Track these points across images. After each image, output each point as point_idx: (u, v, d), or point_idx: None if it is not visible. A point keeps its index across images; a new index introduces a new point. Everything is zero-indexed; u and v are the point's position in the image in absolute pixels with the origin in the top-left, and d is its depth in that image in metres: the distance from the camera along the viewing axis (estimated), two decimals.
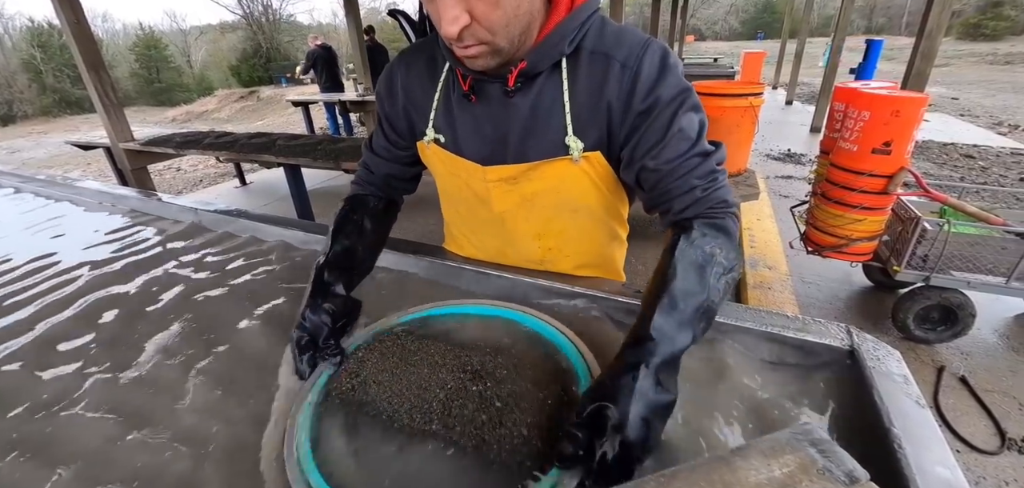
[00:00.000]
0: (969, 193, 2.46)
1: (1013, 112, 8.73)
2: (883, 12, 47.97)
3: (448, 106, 0.78)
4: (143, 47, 27.59)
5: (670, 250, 0.61)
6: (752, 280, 2.72)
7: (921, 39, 2.83)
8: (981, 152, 5.86)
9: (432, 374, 0.61)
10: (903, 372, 0.58)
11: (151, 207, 1.44)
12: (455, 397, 0.57)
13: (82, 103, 21.60)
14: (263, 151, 3.50)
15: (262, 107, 17.02)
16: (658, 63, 0.67)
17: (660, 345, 0.51)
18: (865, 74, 7.85)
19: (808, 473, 0.36)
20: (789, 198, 4.21)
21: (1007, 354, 2.23)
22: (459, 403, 0.56)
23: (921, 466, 0.46)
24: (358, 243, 0.80)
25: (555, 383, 0.59)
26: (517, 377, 0.59)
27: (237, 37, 30.57)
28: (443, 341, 0.67)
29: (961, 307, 2.18)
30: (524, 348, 0.67)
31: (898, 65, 14.07)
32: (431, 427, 0.55)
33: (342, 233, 0.79)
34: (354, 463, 0.54)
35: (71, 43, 3.47)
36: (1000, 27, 30.40)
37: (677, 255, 0.59)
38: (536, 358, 0.64)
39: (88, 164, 7.97)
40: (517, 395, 0.56)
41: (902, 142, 1.97)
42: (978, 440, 1.78)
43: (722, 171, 0.69)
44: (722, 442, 0.55)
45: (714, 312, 0.58)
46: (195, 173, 6.73)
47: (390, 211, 0.92)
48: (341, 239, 0.78)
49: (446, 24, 0.58)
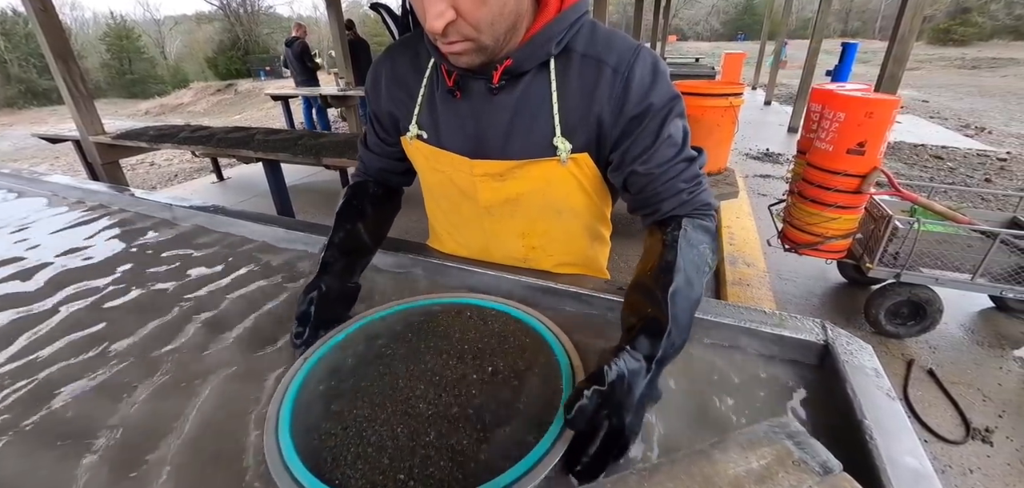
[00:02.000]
0: (938, 193, 2.55)
1: (980, 115, 9.06)
2: (858, 16, 49.28)
3: (432, 102, 0.78)
4: (114, 37, 26.69)
5: (672, 246, 0.62)
6: (731, 277, 2.77)
7: (894, 43, 2.91)
8: (949, 153, 6.08)
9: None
10: (875, 366, 0.60)
11: (123, 202, 1.39)
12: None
13: (49, 94, 20.79)
14: (241, 146, 3.42)
15: (240, 101, 16.66)
16: (650, 70, 0.69)
17: (675, 340, 0.53)
18: (841, 76, 8.06)
19: (784, 464, 0.37)
20: (767, 197, 4.30)
21: (972, 348, 2.33)
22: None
23: (891, 456, 0.47)
24: (362, 228, 0.83)
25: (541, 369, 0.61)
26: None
27: (214, 28, 29.84)
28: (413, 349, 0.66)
29: (929, 303, 2.26)
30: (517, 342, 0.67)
31: (872, 68, 14.48)
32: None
33: (344, 219, 0.82)
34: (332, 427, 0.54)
35: (38, 32, 3.34)
36: (969, 33, 31.54)
37: (680, 252, 0.60)
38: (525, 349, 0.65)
39: (56, 158, 7.68)
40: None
41: (875, 143, 2.03)
42: (944, 430, 1.85)
43: (704, 175, 0.72)
44: (701, 436, 0.56)
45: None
46: (170, 168, 6.54)
47: (391, 198, 0.95)
48: (343, 225, 0.81)
49: (431, 19, 0.58)
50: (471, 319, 0.71)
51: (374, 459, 0.49)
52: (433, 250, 0.99)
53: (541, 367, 0.61)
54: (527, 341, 0.66)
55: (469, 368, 0.61)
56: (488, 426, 0.53)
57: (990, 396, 2.02)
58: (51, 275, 0.99)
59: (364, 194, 0.88)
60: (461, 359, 0.63)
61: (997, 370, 2.17)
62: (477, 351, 0.64)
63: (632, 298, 0.61)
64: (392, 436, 0.52)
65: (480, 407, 0.55)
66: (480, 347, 0.65)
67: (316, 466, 0.49)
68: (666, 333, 0.52)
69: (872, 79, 3.16)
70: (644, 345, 0.52)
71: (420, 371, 0.61)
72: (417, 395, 0.57)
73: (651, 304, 0.56)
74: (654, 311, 0.55)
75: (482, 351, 0.64)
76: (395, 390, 0.58)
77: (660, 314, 0.53)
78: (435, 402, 0.56)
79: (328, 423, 0.55)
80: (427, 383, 0.59)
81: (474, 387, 0.58)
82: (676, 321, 0.53)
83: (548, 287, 0.82)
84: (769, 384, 0.64)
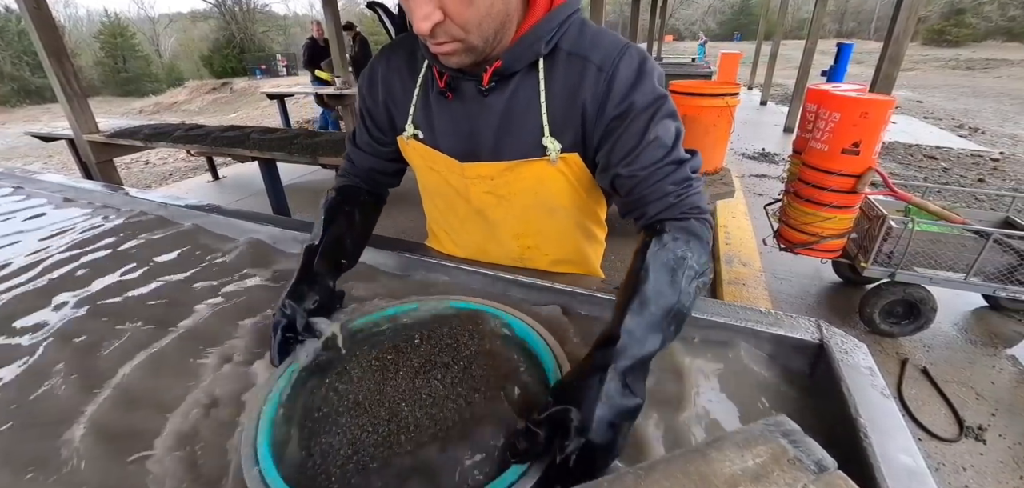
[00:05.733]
0: (932, 193, 2.56)
1: (973, 115, 9.13)
2: (854, 17, 49.51)
3: (427, 102, 0.78)
4: (108, 34, 26.47)
5: (641, 252, 0.60)
6: (727, 276, 2.78)
7: (889, 44, 2.92)
8: (943, 153, 6.12)
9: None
10: (869, 364, 0.60)
11: (117, 201, 1.38)
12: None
13: (43, 92, 20.62)
14: (237, 145, 3.40)
15: (235, 99, 16.56)
16: (635, 68, 0.67)
17: (629, 347, 0.51)
18: (836, 76, 8.08)
19: (780, 463, 0.37)
20: (763, 196, 4.32)
21: (965, 346, 2.34)
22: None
23: (886, 454, 0.48)
24: (347, 234, 0.80)
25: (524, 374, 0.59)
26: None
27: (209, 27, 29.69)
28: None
29: (924, 302, 2.27)
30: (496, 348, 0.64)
31: (867, 69, 14.57)
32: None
33: (334, 223, 0.78)
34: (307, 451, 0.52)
35: (31, 29, 3.30)
36: (962, 34, 31.76)
37: (648, 257, 0.58)
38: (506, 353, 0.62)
39: (50, 156, 7.62)
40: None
41: (870, 143, 2.04)
42: (938, 428, 1.87)
43: (697, 178, 0.68)
44: (697, 435, 0.57)
45: (684, 316, 0.58)
46: (165, 167, 6.51)
47: (377, 205, 0.92)
48: (332, 229, 0.77)
49: (418, 21, 0.58)
50: (456, 322, 0.67)
51: (344, 459, 0.50)
52: (431, 250, 0.99)
53: (526, 371, 0.59)
54: (512, 345, 0.64)
55: (450, 372, 0.59)
56: (469, 435, 0.50)
57: (983, 394, 2.04)
58: (43, 274, 0.99)
59: (355, 200, 0.85)
60: (441, 365, 0.60)
61: (990, 368, 2.19)
62: (460, 355, 0.61)
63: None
64: (369, 437, 0.52)
65: (463, 415, 0.53)
66: (464, 351, 0.62)
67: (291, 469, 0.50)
68: (617, 344, 0.50)
69: (867, 80, 3.18)
70: (599, 357, 0.51)
71: (402, 377, 0.59)
72: (395, 399, 0.56)
73: (612, 317, 0.56)
74: (611, 324, 0.54)
75: (466, 355, 0.61)
76: (377, 396, 0.56)
77: (614, 325, 0.53)
78: (414, 408, 0.54)
79: (306, 435, 0.54)
80: (409, 387, 0.57)
81: (455, 393, 0.56)
82: (630, 332, 0.52)
83: (543, 286, 0.82)
84: (764, 383, 0.64)
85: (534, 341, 0.64)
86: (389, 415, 0.54)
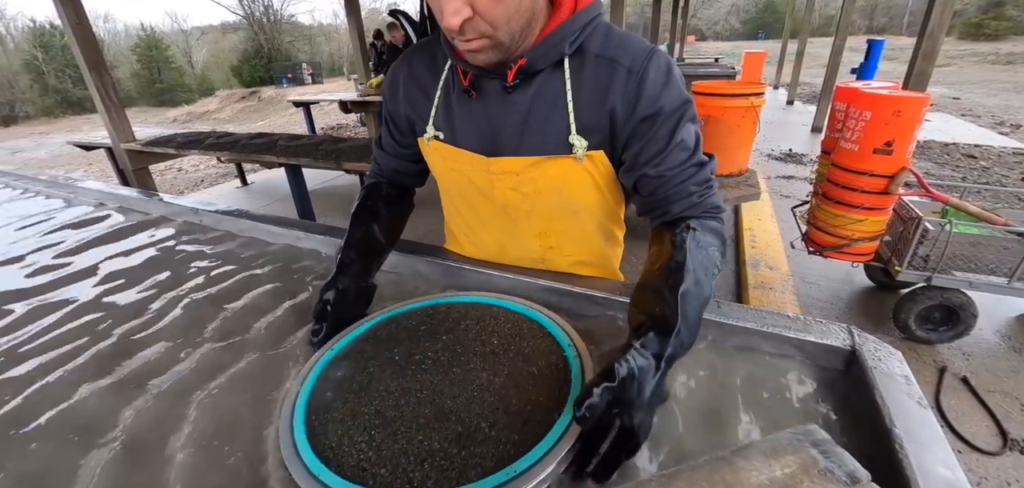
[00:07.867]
0: (971, 193, 2.45)
1: (1015, 112, 8.71)
2: (884, 12, 47.96)
3: (448, 103, 0.79)
4: (144, 47, 27.68)
5: (679, 246, 0.62)
6: (753, 280, 2.72)
7: (922, 39, 2.82)
8: (983, 152, 5.86)
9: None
10: (904, 372, 0.58)
11: (152, 207, 1.44)
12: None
13: (84, 103, 21.69)
14: (264, 151, 3.50)
15: (263, 107, 17.07)
16: (664, 73, 0.69)
17: (684, 343, 0.53)
18: (866, 74, 7.84)
19: (809, 473, 0.36)
20: (790, 198, 4.20)
21: (1009, 355, 2.23)
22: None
23: (923, 466, 0.45)
24: (374, 229, 0.85)
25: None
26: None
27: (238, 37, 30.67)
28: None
29: (963, 307, 2.17)
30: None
31: (899, 65, 14.04)
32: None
33: (360, 220, 0.85)
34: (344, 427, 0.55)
35: (73, 43, 3.48)
36: (1002, 27, 30.34)
37: (689, 257, 0.61)
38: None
39: (90, 164, 7.99)
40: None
41: (904, 142, 1.97)
42: (980, 441, 1.78)
43: (714, 179, 0.73)
44: (723, 442, 0.55)
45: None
46: (196, 173, 6.75)
47: (405, 198, 0.97)
48: (359, 225, 0.84)
49: (448, 16, 0.59)
50: (482, 317, 0.72)
51: (385, 448, 0.52)
52: (450, 252, 1.00)
53: (552, 365, 0.62)
54: (538, 339, 0.67)
55: (481, 365, 0.62)
56: (497, 423, 0.53)
57: None
58: (87, 277, 1.04)
59: (378, 195, 0.90)
60: (474, 356, 0.64)
61: None
62: (489, 348, 0.65)
63: (640, 297, 0.61)
64: (404, 423, 0.54)
65: (492, 404, 0.56)
66: (492, 344, 0.66)
67: (326, 454, 0.52)
68: (675, 332, 0.52)
69: (899, 77, 3.07)
70: (653, 343, 0.52)
71: (429, 368, 0.63)
72: (423, 387, 0.59)
73: (660, 303, 0.56)
74: (663, 310, 0.55)
75: (494, 349, 0.65)
76: (408, 384, 0.60)
77: (669, 313, 0.54)
78: (442, 397, 0.57)
79: (340, 414, 0.57)
80: (439, 377, 0.61)
81: (485, 384, 0.59)
82: (686, 320, 0.54)
83: (563, 290, 0.81)
84: (793, 390, 0.62)
85: (560, 336, 0.67)
86: (431, 396, 0.58)
